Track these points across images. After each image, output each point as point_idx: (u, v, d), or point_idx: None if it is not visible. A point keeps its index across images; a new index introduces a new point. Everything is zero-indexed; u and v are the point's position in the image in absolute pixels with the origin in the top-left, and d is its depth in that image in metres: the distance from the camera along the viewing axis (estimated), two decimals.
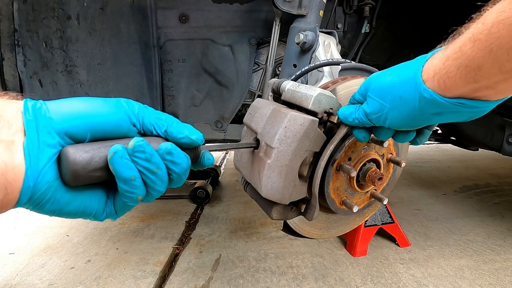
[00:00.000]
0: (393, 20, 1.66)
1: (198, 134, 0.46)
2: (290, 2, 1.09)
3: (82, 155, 0.36)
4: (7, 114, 0.35)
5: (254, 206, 2.27)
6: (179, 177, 0.44)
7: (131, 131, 0.42)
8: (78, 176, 0.36)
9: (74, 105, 0.39)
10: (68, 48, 1.28)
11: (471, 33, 0.36)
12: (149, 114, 0.44)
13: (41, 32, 1.25)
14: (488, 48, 0.34)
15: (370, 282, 1.41)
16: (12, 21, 1.21)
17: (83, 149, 0.37)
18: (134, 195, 0.40)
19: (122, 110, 0.42)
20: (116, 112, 0.41)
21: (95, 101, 0.41)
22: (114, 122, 0.41)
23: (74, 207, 0.39)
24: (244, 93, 1.43)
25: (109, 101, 0.42)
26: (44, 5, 1.23)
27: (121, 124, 0.41)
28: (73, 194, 0.38)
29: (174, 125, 0.45)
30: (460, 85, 0.39)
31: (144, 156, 0.39)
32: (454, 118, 0.44)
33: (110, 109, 0.41)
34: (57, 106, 0.38)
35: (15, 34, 1.22)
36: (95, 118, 0.39)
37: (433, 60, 0.43)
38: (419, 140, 0.57)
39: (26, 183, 0.34)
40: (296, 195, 0.65)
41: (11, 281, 1.47)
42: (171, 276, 1.49)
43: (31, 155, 0.34)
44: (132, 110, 0.43)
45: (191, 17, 1.36)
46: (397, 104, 0.47)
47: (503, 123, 1.57)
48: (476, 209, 2.21)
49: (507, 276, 1.44)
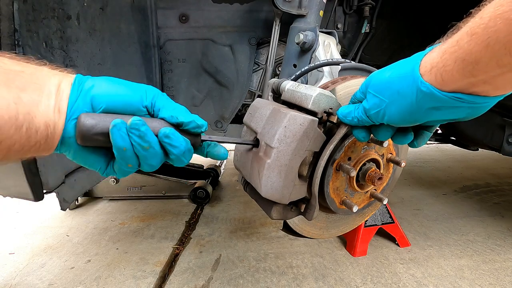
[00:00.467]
0: (393, 20, 1.66)
1: (202, 121, 0.53)
2: (290, 2, 1.09)
3: (89, 120, 0.44)
4: (63, 85, 0.46)
5: (254, 206, 2.27)
6: (178, 158, 0.50)
7: (140, 111, 0.50)
8: (82, 136, 0.44)
9: (109, 87, 0.49)
10: (68, 48, 1.28)
11: (469, 27, 0.37)
12: (162, 100, 0.51)
13: (41, 32, 1.25)
14: (485, 42, 0.34)
15: (370, 282, 1.41)
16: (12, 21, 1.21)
17: (92, 117, 0.45)
18: (124, 163, 0.48)
19: (138, 94, 0.49)
20: (133, 94, 0.49)
21: (123, 84, 0.50)
22: (127, 102, 0.49)
23: (86, 160, 0.50)
24: (244, 93, 1.43)
25: (134, 85, 0.51)
26: (44, 5, 1.23)
27: (132, 103, 0.49)
28: (85, 151, 0.49)
29: (183, 112, 0.51)
30: (457, 79, 0.39)
31: (138, 133, 0.46)
32: (452, 114, 0.44)
33: (129, 92, 0.49)
34: (98, 84, 0.48)
35: (15, 34, 1.22)
36: (115, 97, 0.48)
37: (431, 55, 0.43)
38: (416, 143, 0.57)
39: (62, 136, 0.46)
40: (296, 195, 0.65)
41: (11, 281, 1.47)
42: (171, 276, 1.49)
43: (69, 119, 0.46)
44: (147, 95, 0.50)
45: (191, 17, 1.36)
46: (395, 98, 0.47)
47: (503, 123, 1.57)
48: (476, 209, 2.21)
49: (507, 276, 1.44)
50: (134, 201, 2.39)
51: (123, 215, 2.17)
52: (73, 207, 2.28)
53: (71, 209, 2.26)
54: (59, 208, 2.24)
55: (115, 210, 2.26)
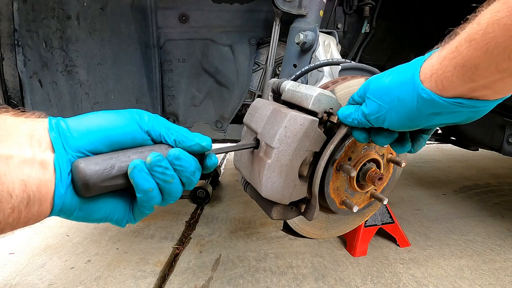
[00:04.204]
0: (393, 20, 1.66)
1: (207, 140, 0.48)
2: (290, 2, 1.09)
3: (92, 166, 0.38)
4: (37, 133, 0.38)
5: (254, 206, 2.27)
6: (189, 180, 0.46)
7: (145, 140, 0.45)
8: (89, 187, 0.39)
9: (91, 122, 0.42)
10: (68, 48, 1.28)
11: (467, 34, 0.37)
12: (159, 124, 0.46)
13: (41, 32, 1.25)
14: (484, 48, 0.34)
15: (370, 282, 1.41)
16: (12, 21, 1.21)
17: (93, 161, 0.39)
18: (151, 204, 0.43)
19: (134, 121, 0.44)
20: (129, 124, 0.43)
21: (110, 115, 0.43)
22: (129, 135, 0.43)
23: (99, 215, 0.43)
24: (244, 93, 1.43)
25: (122, 113, 0.44)
26: (44, 5, 1.23)
27: (135, 135, 0.44)
28: (94, 203, 0.42)
29: (184, 133, 0.47)
30: (457, 85, 0.39)
31: (161, 170, 0.42)
32: (453, 118, 0.44)
33: (123, 122, 0.43)
34: (77, 124, 0.41)
35: (15, 34, 1.22)
36: (112, 132, 0.42)
37: (430, 61, 0.43)
38: (413, 149, 0.57)
39: (57, 195, 0.38)
40: (296, 195, 0.65)
41: (11, 281, 1.47)
42: (171, 276, 1.49)
43: (61, 171, 0.38)
44: (143, 121, 0.45)
45: (191, 17, 1.36)
46: (396, 105, 0.47)
47: (503, 123, 1.57)
48: (476, 209, 2.21)
49: (507, 276, 1.44)
50: None
51: None
52: None
53: None
54: None
55: None
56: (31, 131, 0.38)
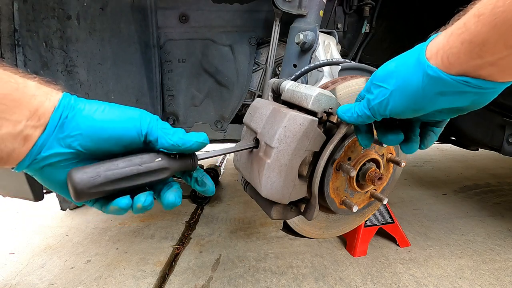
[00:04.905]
0: (393, 20, 1.66)
1: (203, 135, 0.50)
2: (290, 2, 1.09)
3: (80, 176, 0.42)
4: (43, 109, 0.42)
5: (254, 206, 2.27)
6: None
7: (137, 143, 0.47)
8: (78, 193, 0.42)
9: (99, 113, 0.45)
10: (68, 48, 1.28)
11: (476, 9, 0.36)
12: (158, 128, 0.48)
13: (41, 32, 1.25)
14: (493, 23, 0.34)
15: (370, 282, 1.41)
16: (12, 21, 1.21)
17: (83, 170, 0.43)
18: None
19: (132, 122, 0.46)
20: (128, 125, 0.46)
21: (117, 113, 0.46)
22: (121, 135, 0.46)
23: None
24: (244, 93, 1.43)
25: (127, 112, 0.47)
26: (44, 5, 1.23)
27: (128, 135, 0.46)
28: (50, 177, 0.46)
29: (181, 135, 0.49)
30: (463, 61, 0.39)
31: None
32: (458, 101, 0.43)
33: (124, 122, 0.46)
34: (85, 116, 0.44)
35: (15, 34, 1.22)
36: (108, 130, 0.45)
37: (436, 39, 0.43)
38: (424, 145, 0.57)
39: (21, 164, 0.42)
40: (295, 195, 0.65)
41: (11, 281, 1.47)
42: (171, 276, 1.49)
43: (39, 147, 0.42)
44: (142, 122, 0.47)
45: (191, 17, 1.36)
46: (400, 86, 0.46)
47: (503, 123, 1.57)
48: (476, 209, 2.21)
49: (507, 276, 1.44)
50: None
51: (123, 215, 2.17)
52: (73, 207, 2.28)
53: (71, 209, 2.26)
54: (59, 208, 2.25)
55: None
56: (39, 105, 0.41)
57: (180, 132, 0.49)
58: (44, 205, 2.29)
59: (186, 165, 0.51)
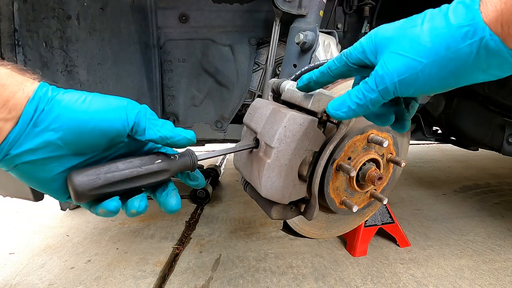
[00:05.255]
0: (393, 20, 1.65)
1: (191, 133, 0.49)
2: (290, 2, 1.09)
3: (80, 178, 0.42)
4: (14, 100, 0.38)
5: (254, 206, 2.27)
6: None
7: (122, 136, 0.45)
8: (78, 195, 0.43)
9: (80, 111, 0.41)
10: (68, 48, 1.28)
11: None
12: (145, 117, 0.46)
13: (41, 32, 1.25)
14: None
15: (370, 282, 1.41)
16: (12, 21, 1.21)
17: (84, 173, 0.43)
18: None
19: (118, 114, 0.44)
20: (113, 117, 0.43)
21: (99, 101, 0.43)
22: (106, 127, 0.43)
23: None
24: (244, 93, 1.43)
25: (112, 102, 0.44)
26: (44, 5, 1.23)
27: (113, 128, 0.43)
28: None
29: (171, 128, 0.47)
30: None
31: None
32: (492, 75, 0.37)
33: (109, 113, 0.43)
34: (63, 109, 0.40)
35: (15, 34, 1.22)
36: (91, 123, 0.41)
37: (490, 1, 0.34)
38: (409, 115, 0.51)
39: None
40: (295, 195, 0.65)
41: (11, 281, 1.47)
42: (171, 276, 1.49)
43: (4, 146, 0.38)
44: (128, 115, 0.45)
45: (191, 17, 1.36)
46: (441, 57, 0.36)
47: (503, 123, 1.57)
48: (476, 209, 2.21)
49: (507, 276, 1.44)
50: None
51: (123, 215, 2.17)
52: (73, 207, 2.28)
53: (71, 209, 2.26)
54: (59, 208, 2.25)
55: None
56: (11, 96, 0.38)
57: (169, 124, 0.47)
58: (44, 205, 2.29)
59: (186, 166, 0.51)
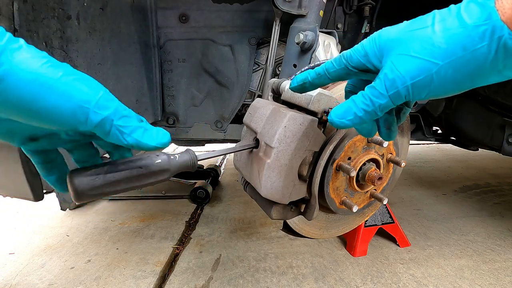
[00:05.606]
0: (393, 20, 1.65)
1: (165, 137, 0.40)
2: (290, 2, 1.09)
3: (79, 178, 0.42)
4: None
5: (254, 206, 2.27)
6: None
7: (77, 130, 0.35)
8: (78, 195, 0.42)
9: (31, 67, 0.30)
10: (68, 48, 1.28)
11: None
12: (112, 126, 0.36)
13: (41, 32, 1.25)
14: None
15: (370, 282, 1.41)
16: (12, 21, 1.21)
17: (84, 173, 0.43)
18: None
19: (78, 118, 0.34)
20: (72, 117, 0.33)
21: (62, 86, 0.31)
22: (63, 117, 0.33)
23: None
24: (244, 93, 1.43)
25: (76, 98, 0.33)
26: (44, 5, 1.23)
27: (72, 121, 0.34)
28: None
29: (139, 137, 0.38)
30: None
31: None
32: (505, 77, 0.36)
33: (66, 112, 0.33)
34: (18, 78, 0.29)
35: (15, 34, 1.22)
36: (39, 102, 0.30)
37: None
38: (399, 122, 0.49)
39: None
40: (295, 195, 0.65)
41: (11, 281, 1.47)
42: (171, 276, 1.49)
43: None
44: (93, 118, 0.34)
45: (191, 17, 1.36)
46: (458, 58, 0.34)
47: (503, 123, 1.57)
48: (476, 209, 2.21)
49: (507, 276, 1.44)
50: (134, 201, 2.39)
51: (123, 215, 2.17)
52: (73, 207, 2.28)
53: (71, 209, 2.26)
54: (59, 208, 2.25)
55: (115, 210, 2.26)
56: None
57: (139, 131, 0.38)
58: (44, 205, 2.29)
59: (186, 166, 0.51)
